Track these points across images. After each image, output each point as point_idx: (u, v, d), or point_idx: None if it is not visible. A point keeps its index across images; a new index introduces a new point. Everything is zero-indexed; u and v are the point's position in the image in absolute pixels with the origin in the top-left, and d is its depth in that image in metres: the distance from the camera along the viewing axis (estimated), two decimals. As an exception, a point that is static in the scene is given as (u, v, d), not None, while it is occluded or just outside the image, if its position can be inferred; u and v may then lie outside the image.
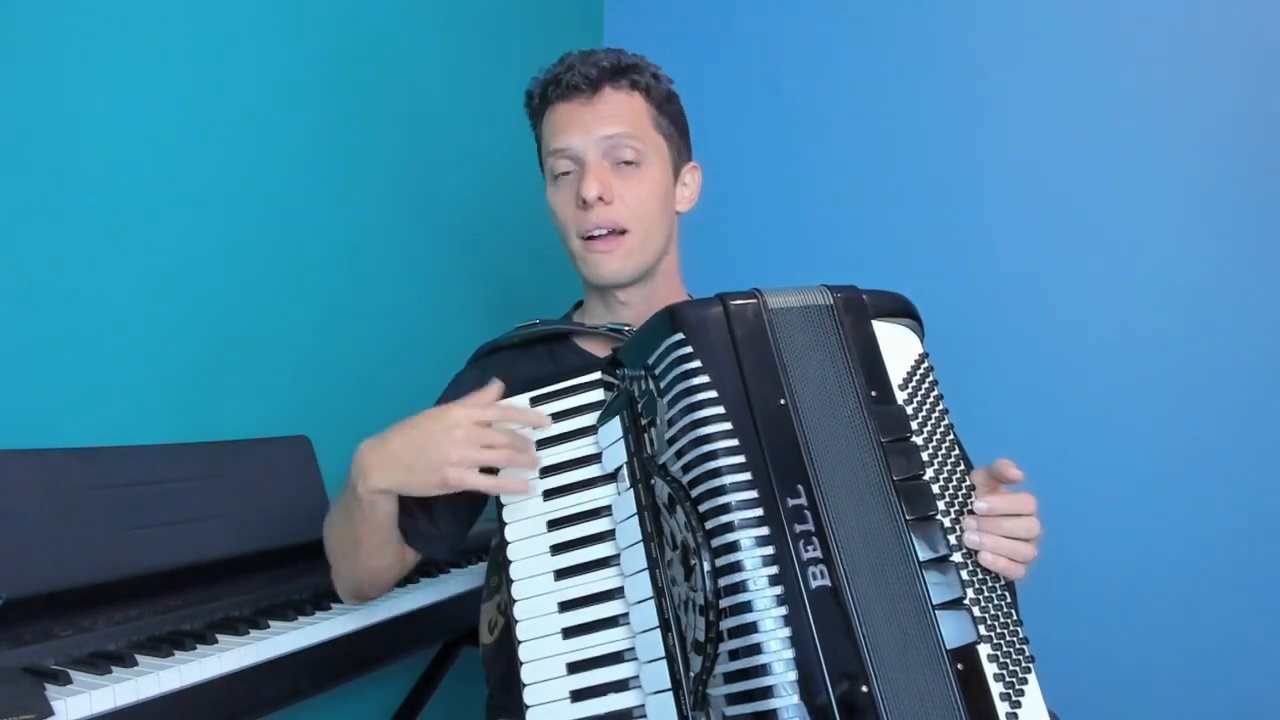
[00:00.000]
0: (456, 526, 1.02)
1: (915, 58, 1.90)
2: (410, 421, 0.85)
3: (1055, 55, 1.79)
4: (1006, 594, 0.79)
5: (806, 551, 0.72)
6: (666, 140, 1.06)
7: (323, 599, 1.16)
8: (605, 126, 1.01)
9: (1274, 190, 1.64)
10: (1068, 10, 1.78)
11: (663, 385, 0.78)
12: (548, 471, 0.87)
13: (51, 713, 0.81)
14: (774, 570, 0.71)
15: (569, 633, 0.81)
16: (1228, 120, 1.67)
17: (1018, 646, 0.76)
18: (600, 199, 1.00)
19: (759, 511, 0.72)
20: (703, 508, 0.73)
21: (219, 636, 1.01)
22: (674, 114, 1.08)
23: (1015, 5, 1.83)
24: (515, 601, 0.84)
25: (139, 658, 0.93)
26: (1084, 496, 1.70)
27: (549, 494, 0.86)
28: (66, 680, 0.87)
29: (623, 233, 1.02)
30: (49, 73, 1.18)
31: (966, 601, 0.76)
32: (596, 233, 1.02)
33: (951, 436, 0.83)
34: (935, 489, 0.79)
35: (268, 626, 1.06)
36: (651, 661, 0.77)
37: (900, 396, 0.81)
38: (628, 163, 1.02)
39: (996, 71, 1.84)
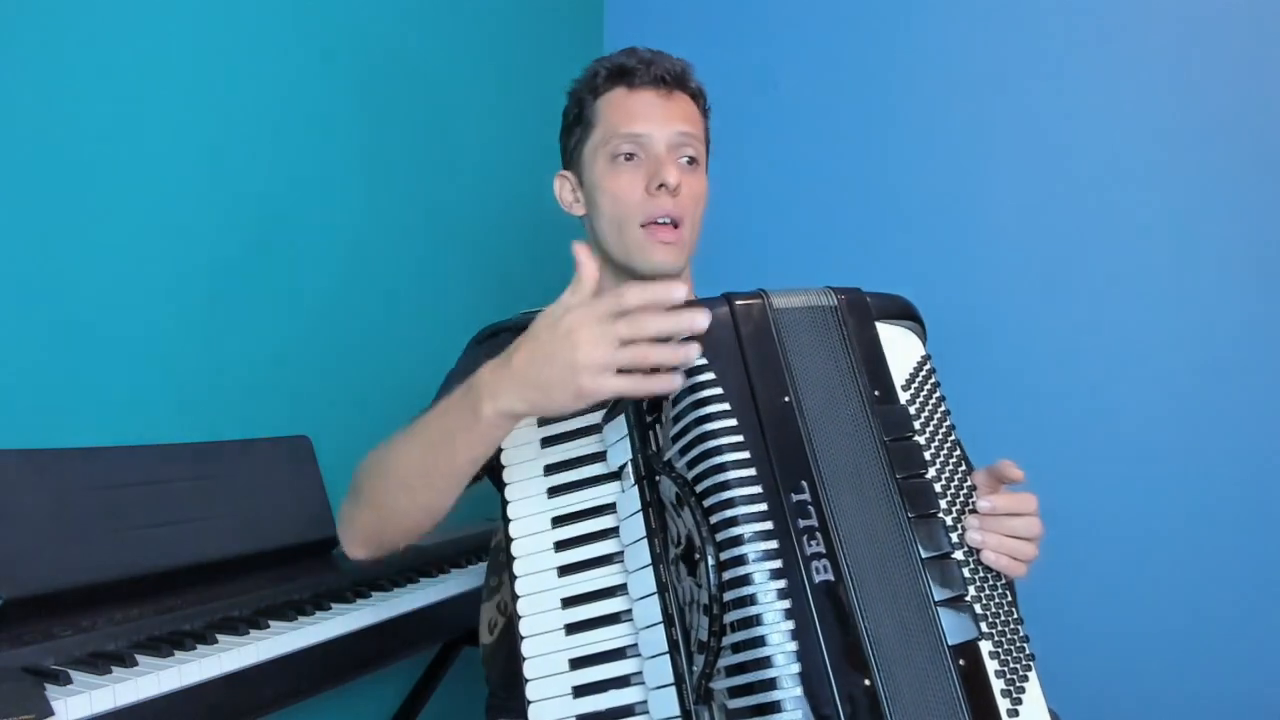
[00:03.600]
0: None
1: (916, 59, 1.91)
2: (528, 336, 0.76)
3: (1058, 56, 1.80)
4: (1008, 593, 0.79)
5: (810, 546, 0.72)
6: (708, 150, 1.12)
7: (323, 599, 1.16)
8: (681, 124, 1.05)
9: (1275, 190, 1.64)
10: (1070, 10, 1.79)
11: (668, 383, 0.78)
12: (552, 469, 0.87)
13: (51, 713, 0.80)
14: (777, 564, 0.71)
15: (572, 629, 0.82)
16: (1229, 120, 1.68)
17: (1019, 645, 0.77)
18: (678, 188, 1.03)
19: (763, 507, 0.73)
20: (707, 503, 0.73)
21: (219, 636, 1.01)
22: (709, 125, 1.14)
23: (1017, 5, 1.83)
24: (519, 598, 0.84)
25: (139, 658, 0.93)
26: (1084, 497, 1.71)
27: (553, 491, 0.86)
28: (66, 680, 0.86)
29: (679, 225, 1.04)
30: (54, 73, 1.18)
31: (968, 599, 0.76)
32: (662, 220, 1.03)
33: (953, 437, 0.84)
34: (937, 488, 0.79)
35: (268, 626, 1.06)
36: (654, 656, 0.77)
37: (903, 397, 0.82)
38: (691, 160, 1.06)
39: (998, 74, 1.85)
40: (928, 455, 0.80)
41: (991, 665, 0.75)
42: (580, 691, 0.80)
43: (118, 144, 1.25)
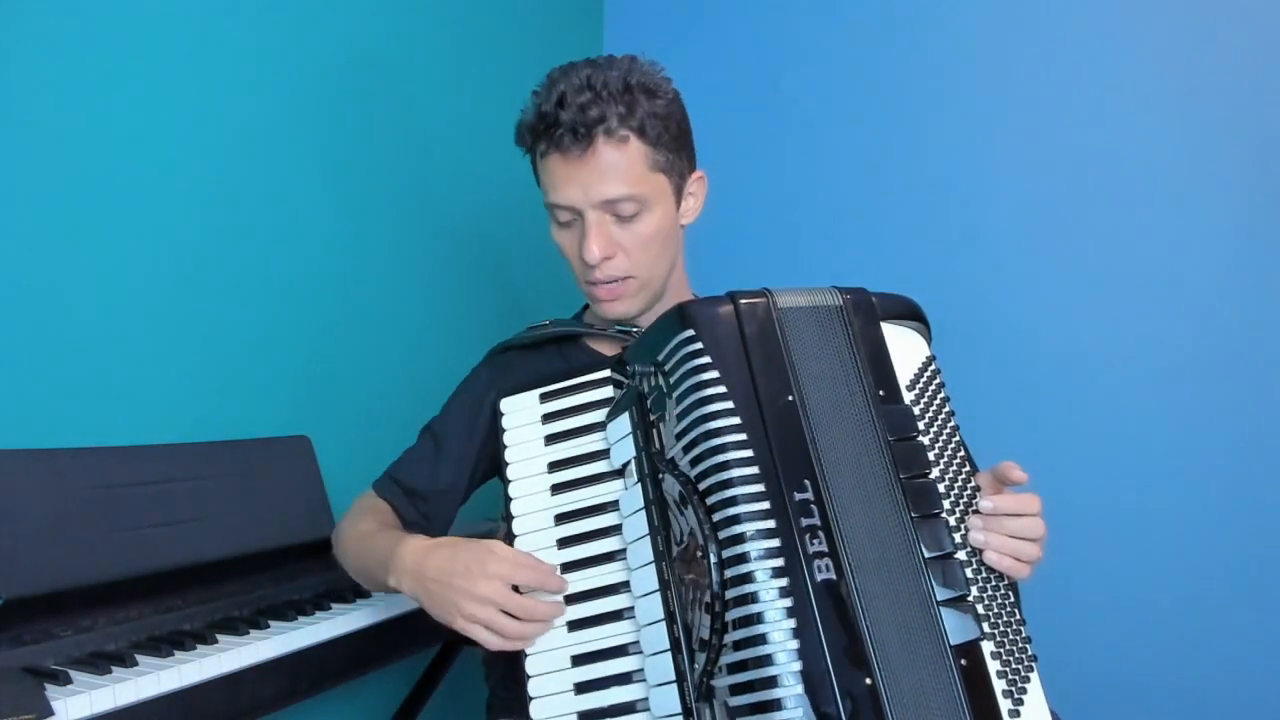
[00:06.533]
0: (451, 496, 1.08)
1: (915, 59, 1.91)
2: (454, 546, 0.84)
3: (1056, 55, 1.80)
4: (1010, 594, 0.79)
5: (812, 545, 0.72)
6: (667, 175, 0.99)
7: (323, 599, 1.16)
8: (603, 188, 0.95)
9: (1274, 189, 1.65)
10: (1068, 10, 1.79)
11: (672, 381, 0.79)
12: (556, 466, 0.87)
13: (51, 713, 0.80)
14: (779, 563, 0.71)
15: (574, 626, 0.82)
16: (1228, 119, 1.68)
17: (1020, 645, 0.77)
18: (605, 259, 0.98)
19: (765, 505, 0.73)
20: (710, 501, 0.73)
21: (219, 636, 1.01)
22: (674, 134, 0.99)
23: (1019, 5, 1.84)
24: (522, 595, 0.83)
25: (139, 658, 0.93)
26: (1086, 498, 1.71)
27: (556, 488, 0.86)
28: (66, 680, 0.86)
29: (626, 279, 1.00)
30: (55, 77, 1.18)
31: (970, 599, 0.76)
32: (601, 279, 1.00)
33: (957, 438, 0.84)
34: (940, 488, 0.79)
35: (268, 626, 1.06)
36: (656, 654, 0.77)
37: (907, 397, 0.82)
38: (625, 215, 0.97)
39: (997, 73, 1.85)
40: (931, 455, 0.80)
41: (993, 665, 0.75)
42: (582, 688, 0.80)
43: (119, 146, 1.25)
